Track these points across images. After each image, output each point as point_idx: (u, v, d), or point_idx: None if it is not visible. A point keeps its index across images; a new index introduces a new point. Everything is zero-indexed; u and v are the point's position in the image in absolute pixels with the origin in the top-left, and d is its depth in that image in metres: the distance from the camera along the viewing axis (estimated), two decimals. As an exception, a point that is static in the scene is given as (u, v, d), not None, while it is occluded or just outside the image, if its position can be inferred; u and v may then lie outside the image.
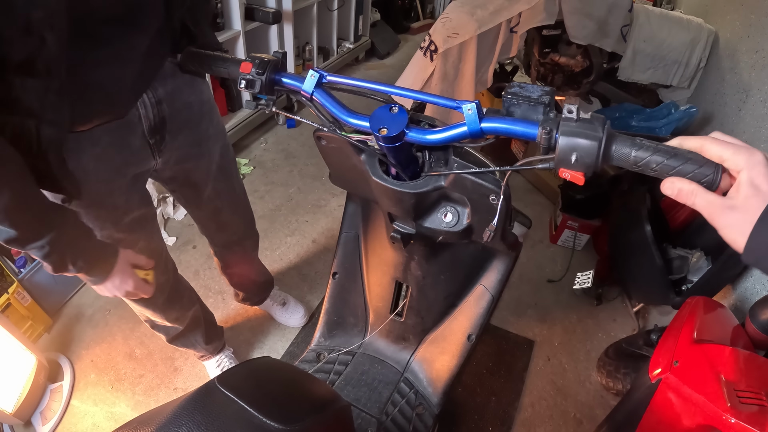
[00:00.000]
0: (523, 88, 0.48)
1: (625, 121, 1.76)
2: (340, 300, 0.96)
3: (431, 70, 1.61)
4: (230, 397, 0.49)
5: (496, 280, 0.83)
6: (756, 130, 1.51)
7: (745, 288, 1.32)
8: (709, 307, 1.03)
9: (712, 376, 0.84)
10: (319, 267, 1.71)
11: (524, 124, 0.47)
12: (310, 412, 0.52)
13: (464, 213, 0.64)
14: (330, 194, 2.03)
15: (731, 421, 0.78)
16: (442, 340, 0.91)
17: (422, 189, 0.59)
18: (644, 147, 0.42)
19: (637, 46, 1.83)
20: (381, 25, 3.45)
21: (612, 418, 1.08)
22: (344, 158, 0.67)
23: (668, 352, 0.91)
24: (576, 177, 0.44)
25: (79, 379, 1.34)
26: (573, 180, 0.45)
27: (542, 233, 1.88)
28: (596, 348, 1.47)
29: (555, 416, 1.31)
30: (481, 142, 0.52)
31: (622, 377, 1.29)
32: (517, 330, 1.52)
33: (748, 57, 1.68)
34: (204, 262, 1.69)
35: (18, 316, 1.34)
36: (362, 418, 0.89)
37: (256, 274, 1.36)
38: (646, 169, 0.43)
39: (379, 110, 0.53)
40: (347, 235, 0.92)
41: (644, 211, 1.30)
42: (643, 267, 1.32)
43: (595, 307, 1.60)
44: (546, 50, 1.96)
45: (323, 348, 0.98)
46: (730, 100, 1.73)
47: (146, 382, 1.35)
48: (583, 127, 0.43)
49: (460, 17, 1.59)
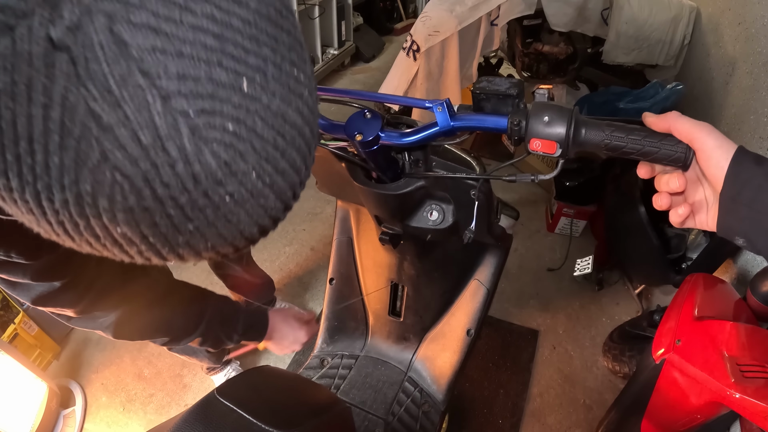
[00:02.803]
0: (491, 82, 0.49)
1: (613, 104, 1.76)
2: (339, 305, 0.97)
3: (415, 69, 1.62)
4: (230, 407, 0.50)
5: (490, 273, 0.84)
6: (744, 102, 1.51)
7: (745, 261, 1.31)
8: (709, 284, 1.03)
9: (715, 353, 0.84)
10: (319, 274, 1.72)
11: (494, 118, 0.47)
12: (309, 416, 0.52)
13: (449, 210, 0.64)
14: (324, 202, 2.04)
15: (736, 396, 0.78)
16: (442, 337, 0.91)
17: (404, 190, 0.60)
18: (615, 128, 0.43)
19: (620, 28, 1.83)
20: (364, 28, 3.46)
21: (620, 402, 1.08)
22: (328, 166, 0.68)
23: (670, 331, 0.92)
24: (548, 146, 0.44)
25: (91, 403, 1.36)
26: (545, 150, 0.44)
27: (539, 223, 1.88)
28: (601, 333, 1.47)
29: (564, 404, 1.31)
30: (456, 138, 0.52)
31: (628, 360, 1.29)
32: (521, 321, 1.52)
33: (731, 30, 1.68)
34: (206, 278, 1.70)
35: (26, 345, 1.36)
36: (369, 420, 0.89)
37: (250, 276, 1.35)
38: (617, 152, 0.43)
39: (354, 116, 0.54)
40: (340, 240, 0.93)
41: (638, 193, 1.30)
42: (640, 248, 1.32)
43: (597, 292, 1.60)
44: (528, 40, 1.97)
45: (326, 353, 0.99)
46: (717, 75, 1.72)
47: (157, 401, 1.36)
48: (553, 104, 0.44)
49: (440, 15, 1.59)
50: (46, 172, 0.21)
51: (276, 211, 0.26)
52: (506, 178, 0.51)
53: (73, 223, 0.23)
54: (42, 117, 0.20)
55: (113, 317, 0.61)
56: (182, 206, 0.23)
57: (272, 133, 0.24)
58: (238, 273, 1.31)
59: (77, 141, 0.21)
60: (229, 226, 0.25)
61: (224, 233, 0.25)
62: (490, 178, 0.51)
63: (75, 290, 0.56)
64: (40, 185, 0.21)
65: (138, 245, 0.24)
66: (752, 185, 0.37)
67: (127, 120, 0.20)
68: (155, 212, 0.22)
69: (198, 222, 0.23)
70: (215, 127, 0.22)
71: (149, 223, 0.23)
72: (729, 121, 1.57)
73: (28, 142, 0.21)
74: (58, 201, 0.22)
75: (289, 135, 0.25)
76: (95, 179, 0.21)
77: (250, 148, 0.23)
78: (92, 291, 0.58)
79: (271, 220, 0.27)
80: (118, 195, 0.22)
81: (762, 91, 1.37)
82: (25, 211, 0.23)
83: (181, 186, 0.22)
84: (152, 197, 0.22)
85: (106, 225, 0.23)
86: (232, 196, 0.23)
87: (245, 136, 0.23)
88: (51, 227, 0.23)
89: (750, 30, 1.56)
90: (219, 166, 0.22)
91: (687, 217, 0.43)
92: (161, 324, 0.68)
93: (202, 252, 0.26)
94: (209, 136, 0.22)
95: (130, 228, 0.23)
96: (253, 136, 0.23)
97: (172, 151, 0.21)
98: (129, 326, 0.64)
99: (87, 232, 0.23)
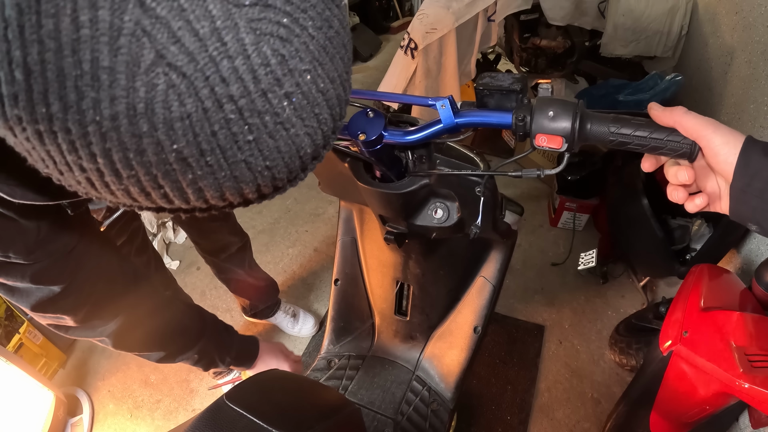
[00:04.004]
0: (494, 78, 0.48)
1: (612, 97, 1.75)
2: (344, 306, 0.97)
3: (413, 67, 1.61)
4: (239, 412, 0.50)
5: (496, 269, 0.84)
6: (743, 92, 1.51)
7: (749, 250, 1.31)
8: (714, 274, 1.02)
9: (723, 343, 0.84)
10: (324, 275, 1.72)
11: (498, 114, 0.47)
12: (319, 419, 0.52)
13: (453, 207, 0.64)
14: (327, 202, 2.04)
15: (745, 386, 0.78)
16: (449, 335, 0.91)
17: (408, 188, 0.60)
18: (621, 122, 0.42)
19: (617, 20, 1.82)
20: (361, 28, 3.45)
21: (628, 395, 1.08)
22: (331, 166, 0.68)
23: (677, 323, 0.91)
24: (553, 141, 0.44)
25: (98, 411, 1.36)
26: (550, 145, 0.44)
27: (542, 217, 1.88)
28: (607, 326, 1.47)
29: (572, 398, 1.31)
30: (460, 135, 0.52)
31: (635, 353, 1.29)
32: (526, 317, 1.52)
33: (728, 19, 1.67)
34: (209, 282, 1.70)
35: (32, 354, 1.36)
36: (378, 420, 0.89)
37: (253, 279, 1.35)
38: (622, 145, 0.43)
39: (356, 116, 0.54)
40: (344, 241, 0.93)
41: (640, 185, 1.29)
42: (644, 240, 1.31)
43: (602, 285, 1.59)
44: (526, 35, 1.96)
45: (333, 355, 0.99)
46: (715, 65, 1.72)
47: (164, 407, 1.36)
48: (557, 99, 0.44)
49: (437, 12, 1.59)
50: (94, 85, 0.19)
51: (327, 126, 0.26)
52: (512, 173, 0.51)
53: (123, 148, 0.21)
54: (89, 19, 0.18)
55: (113, 326, 0.61)
56: (241, 110, 0.21)
57: (322, 35, 0.23)
58: (240, 276, 1.31)
59: (129, 40, 0.19)
60: (287, 139, 0.24)
61: (282, 147, 0.24)
62: (495, 174, 0.50)
63: (75, 296, 0.55)
64: (86, 103, 0.19)
65: (194, 169, 0.22)
66: (761, 177, 0.38)
67: (181, 10, 0.19)
68: (214, 118, 0.21)
69: (257, 133, 0.23)
70: (270, 21, 0.21)
71: (208, 133, 0.21)
72: (729, 110, 1.56)
73: (72, 51, 0.19)
74: (106, 119, 0.20)
75: (336, 43, 0.25)
76: (150, 83, 0.20)
77: (303, 47, 0.23)
78: (93, 297, 0.57)
79: (322, 138, 0.26)
80: (175, 100, 0.20)
81: (761, 80, 1.37)
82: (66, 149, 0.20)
83: (240, 83, 0.21)
84: (211, 98, 0.21)
85: (161, 142, 0.21)
86: (290, 99, 0.23)
87: (299, 32, 0.22)
88: (94, 165, 0.21)
89: (747, 19, 1.56)
90: (277, 62, 0.22)
91: (704, 206, 0.43)
92: (161, 336, 0.67)
93: (258, 177, 0.24)
94: (265, 29, 0.21)
95: (187, 142, 0.21)
96: (306, 35, 0.23)
97: (230, 42, 0.20)
98: (129, 336, 0.64)
99: (137, 159, 0.21)
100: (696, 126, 0.40)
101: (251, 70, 0.21)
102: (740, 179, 0.38)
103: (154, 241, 1.83)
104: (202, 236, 1.14)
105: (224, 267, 1.25)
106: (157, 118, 0.20)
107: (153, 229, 1.84)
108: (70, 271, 0.53)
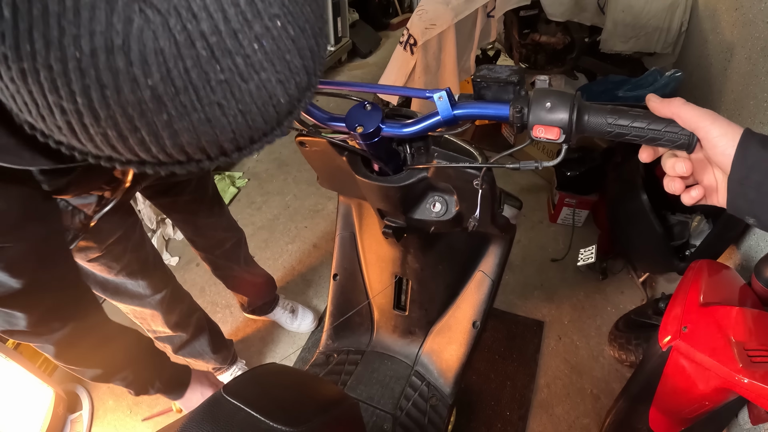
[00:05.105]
0: (491, 70, 0.48)
1: (612, 93, 1.75)
2: (343, 301, 0.97)
3: (413, 63, 1.61)
4: (237, 405, 0.50)
5: (494, 264, 0.83)
6: (744, 88, 1.50)
7: (749, 246, 1.31)
8: (714, 270, 1.02)
9: (722, 338, 0.84)
10: (323, 271, 1.72)
11: (496, 106, 0.47)
12: (317, 412, 0.52)
13: (452, 201, 0.64)
14: (326, 198, 2.03)
15: (744, 381, 0.78)
16: (447, 330, 0.91)
17: (406, 182, 0.59)
18: (618, 113, 0.42)
19: (616, 16, 1.82)
20: (360, 24, 3.44)
21: (628, 390, 1.08)
22: (329, 160, 0.68)
23: (676, 318, 0.91)
24: (551, 132, 0.43)
25: (98, 407, 1.36)
26: (548, 136, 0.44)
27: (541, 213, 1.88)
28: (606, 322, 1.47)
29: (572, 394, 1.31)
30: (458, 128, 0.52)
31: (634, 348, 1.29)
32: (526, 312, 1.52)
33: (728, 15, 1.67)
34: (209, 279, 1.70)
35: (31, 350, 1.36)
36: (377, 415, 0.89)
37: (250, 275, 1.35)
38: (620, 138, 0.43)
39: (354, 109, 0.54)
40: (343, 236, 0.93)
41: (639, 181, 1.29)
42: (643, 236, 1.31)
43: (601, 281, 1.60)
44: (525, 31, 1.95)
45: (332, 350, 0.99)
46: (715, 61, 1.71)
47: (164, 403, 1.36)
48: (555, 90, 0.44)
49: (436, 8, 1.58)
50: (75, 21, 0.20)
51: (299, 78, 0.26)
52: (509, 165, 0.51)
53: (100, 85, 0.21)
54: None
55: (59, 335, 0.61)
56: (212, 48, 0.22)
57: None
58: (237, 273, 1.31)
59: None
60: (258, 83, 0.24)
61: (254, 92, 0.24)
62: (493, 166, 0.50)
63: (35, 295, 0.55)
64: (67, 39, 0.20)
65: (168, 108, 0.23)
66: (759, 169, 0.37)
67: None
68: (186, 54, 0.22)
69: (229, 74, 0.23)
70: None
71: (181, 69, 0.22)
72: (729, 106, 1.56)
73: None
74: (86, 55, 0.21)
75: None
76: (127, 18, 0.20)
77: None
78: (49, 300, 0.57)
79: (296, 89, 0.26)
80: (149, 36, 0.21)
81: (761, 76, 1.36)
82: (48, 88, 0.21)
83: (210, 21, 0.22)
84: (183, 33, 0.21)
85: (136, 77, 0.22)
86: (260, 42, 0.23)
87: None
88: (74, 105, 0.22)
89: (747, 15, 1.55)
90: (247, 2, 0.22)
91: (700, 198, 0.43)
92: (101, 352, 0.68)
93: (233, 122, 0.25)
94: None
95: (161, 77, 0.22)
96: None
97: None
98: (72, 348, 0.64)
99: (114, 98, 0.22)
100: (694, 117, 0.40)
101: (221, 8, 0.22)
102: (738, 171, 0.38)
103: (154, 237, 1.82)
104: (197, 233, 1.14)
105: (220, 263, 1.25)
106: (133, 54, 0.21)
107: (152, 226, 1.84)
108: (33, 267, 0.53)
